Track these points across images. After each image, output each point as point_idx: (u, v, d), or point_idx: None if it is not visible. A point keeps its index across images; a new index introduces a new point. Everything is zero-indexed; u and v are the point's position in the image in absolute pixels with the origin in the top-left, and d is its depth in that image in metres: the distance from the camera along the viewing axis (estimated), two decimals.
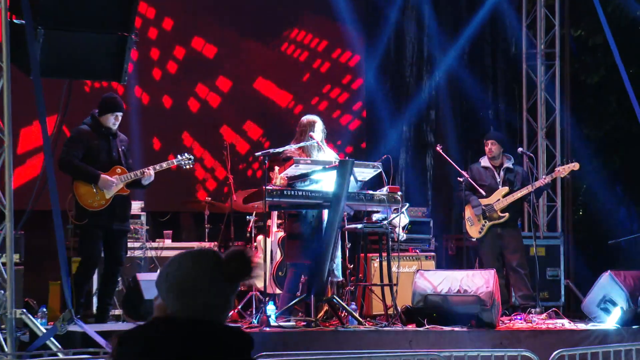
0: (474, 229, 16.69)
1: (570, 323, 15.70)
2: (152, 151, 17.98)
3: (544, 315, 16.02)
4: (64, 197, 13.91)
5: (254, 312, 14.82)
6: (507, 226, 16.61)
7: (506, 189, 16.53)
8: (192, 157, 15.16)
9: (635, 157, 19.16)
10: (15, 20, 12.15)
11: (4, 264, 12.26)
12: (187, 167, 15.21)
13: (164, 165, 14.93)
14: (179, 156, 15.09)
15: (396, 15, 19.77)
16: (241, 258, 5.11)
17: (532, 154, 18.45)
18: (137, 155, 16.35)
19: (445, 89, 19.95)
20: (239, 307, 15.45)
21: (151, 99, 18.78)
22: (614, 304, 15.33)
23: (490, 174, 16.70)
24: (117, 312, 15.36)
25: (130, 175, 14.41)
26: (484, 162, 16.79)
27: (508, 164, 16.76)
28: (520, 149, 17.71)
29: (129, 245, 15.92)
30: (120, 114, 14.58)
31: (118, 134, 14.65)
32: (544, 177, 17.53)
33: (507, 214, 16.53)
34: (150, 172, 14.65)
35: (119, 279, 15.43)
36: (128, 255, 15.81)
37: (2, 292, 12.21)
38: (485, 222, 16.54)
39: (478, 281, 14.93)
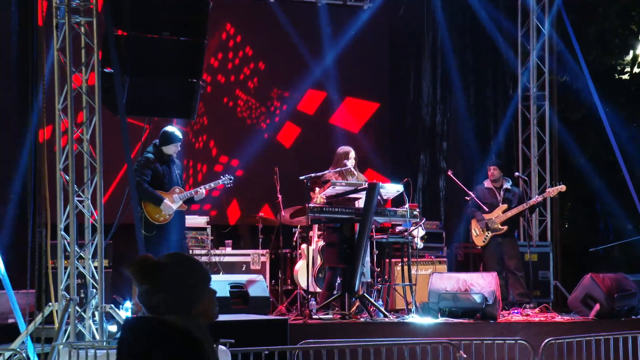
0: (479, 239, 16.70)
1: (558, 316, 15.63)
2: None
3: (536, 310, 15.99)
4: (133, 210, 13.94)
5: (298, 307, 14.80)
6: (506, 236, 16.62)
7: (505, 206, 16.55)
8: (232, 177, 15.16)
9: (611, 180, 19.02)
10: (106, 70, 12.17)
11: (96, 268, 12.28)
12: (228, 185, 15.21)
13: (212, 185, 14.96)
14: (222, 177, 15.11)
15: (415, 65, 19.75)
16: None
17: (526, 178, 18.48)
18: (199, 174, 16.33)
19: (455, 124, 19.88)
20: (286, 303, 15.40)
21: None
22: (595, 300, 15.27)
23: (492, 193, 16.71)
24: None
25: (186, 194, 14.43)
26: (487, 184, 16.82)
27: (507, 186, 16.78)
28: (516, 174, 17.68)
29: (197, 252, 15.94)
30: (179, 144, 14.59)
31: (175, 160, 14.67)
32: (536, 197, 17.49)
33: (506, 227, 16.54)
34: (201, 192, 14.69)
35: None
36: (198, 255, 15.84)
37: (95, 290, 12.23)
38: (488, 233, 16.54)
39: (482, 282, 14.94)
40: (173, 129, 14.65)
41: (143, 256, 5.10)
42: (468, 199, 16.93)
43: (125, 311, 13.62)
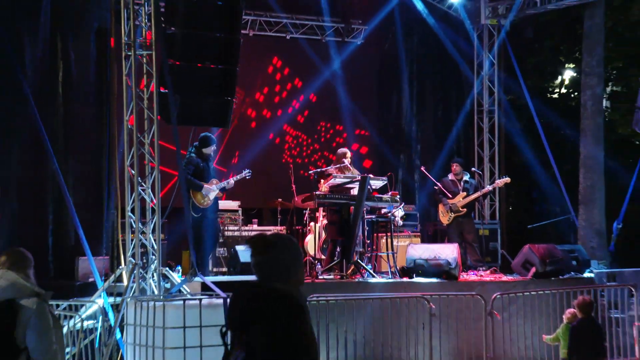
0: (444, 218, 16.70)
1: (504, 277, 15.62)
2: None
3: (488, 272, 16.00)
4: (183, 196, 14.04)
5: (308, 270, 14.79)
6: (465, 217, 16.63)
7: (464, 194, 16.54)
8: (250, 171, 15.28)
9: (544, 174, 18.99)
10: (162, 91, 12.18)
11: (155, 240, 12.27)
12: (248, 177, 15.28)
13: (238, 177, 15.07)
14: (244, 171, 15.21)
15: (397, 87, 19.69)
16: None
17: (480, 172, 18.45)
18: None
19: (427, 131, 19.82)
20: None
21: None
22: (531, 265, 15.24)
23: (454, 184, 16.70)
24: (223, 269, 15.29)
25: (221, 184, 14.58)
26: (451, 176, 16.81)
27: (466, 178, 16.77)
28: (473, 169, 17.61)
29: (231, 227, 15.97)
30: (215, 146, 14.87)
31: (211, 158, 14.82)
32: (488, 186, 17.44)
33: (465, 209, 16.54)
34: (231, 182, 14.95)
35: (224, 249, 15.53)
36: (230, 234, 15.82)
37: (154, 257, 12.22)
38: (452, 214, 16.54)
39: (447, 251, 14.93)
40: (210, 134, 14.76)
41: (260, 234, 5.06)
42: (436, 188, 16.90)
43: (177, 273, 13.61)
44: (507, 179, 17.43)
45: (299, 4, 18.04)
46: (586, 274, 15.55)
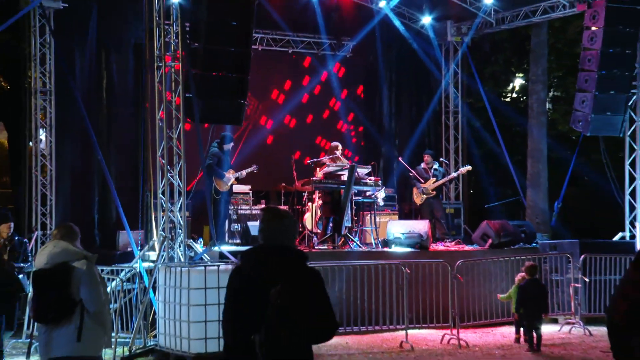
0: (418, 199, 16.62)
1: (466, 247, 15.61)
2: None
3: (453, 243, 15.94)
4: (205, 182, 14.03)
5: (306, 241, 14.75)
6: (435, 198, 16.56)
7: (434, 179, 16.45)
8: (257, 166, 15.41)
9: (498, 163, 18.94)
10: (187, 95, 12.15)
11: (181, 217, 12.24)
12: (255, 171, 15.33)
13: (248, 170, 15.08)
14: (253, 166, 15.24)
15: (379, 92, 19.59)
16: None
17: (447, 162, 18.37)
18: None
19: (404, 128, 19.74)
20: (298, 239, 15.29)
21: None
22: (488, 237, 15.22)
23: (426, 171, 16.61)
24: (237, 241, 15.20)
25: (237, 174, 14.63)
26: (423, 165, 16.70)
27: (435, 166, 16.67)
28: (441, 159, 17.56)
29: (244, 207, 15.95)
30: (232, 143, 14.96)
31: (229, 153, 14.79)
32: (453, 173, 17.41)
33: (434, 192, 16.47)
34: (244, 173, 15.00)
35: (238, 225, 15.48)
36: (242, 212, 15.76)
37: (180, 231, 12.19)
38: (424, 196, 16.46)
39: (419, 226, 14.90)
40: (229, 134, 14.77)
41: (273, 207, 5.17)
42: (411, 174, 16.79)
43: (199, 244, 13.56)
44: (469, 167, 17.39)
45: (299, 24, 17.91)
46: (532, 245, 15.53)
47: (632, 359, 4.46)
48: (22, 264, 11.00)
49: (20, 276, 10.81)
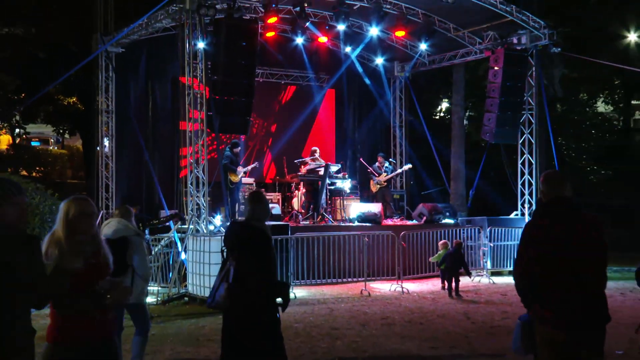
0: (374, 188, 16.45)
1: (408, 222, 15.53)
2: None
3: (398, 220, 15.85)
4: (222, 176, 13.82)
5: (294, 218, 14.60)
6: (386, 187, 16.41)
7: (385, 174, 16.31)
8: (258, 163, 15.41)
9: (431, 163, 18.83)
10: (209, 113, 12.05)
11: (204, 201, 12.09)
12: (257, 167, 15.25)
13: (252, 166, 14.95)
14: (256, 163, 15.19)
15: (346, 114, 19.41)
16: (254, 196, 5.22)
17: (394, 161, 18.25)
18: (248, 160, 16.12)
19: (364, 138, 19.56)
20: (287, 217, 15.13)
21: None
22: (423, 215, 15.16)
23: (379, 168, 16.45)
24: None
25: (245, 169, 14.42)
26: (377, 164, 16.51)
27: (386, 165, 16.51)
28: (390, 159, 17.41)
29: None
30: (241, 147, 14.83)
31: (239, 154, 14.58)
32: (399, 170, 17.32)
33: (385, 183, 16.34)
34: (249, 169, 14.77)
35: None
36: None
37: (203, 210, 12.02)
38: (378, 185, 16.33)
39: (375, 208, 14.81)
40: (238, 140, 14.63)
41: (257, 191, 5.25)
42: (368, 170, 16.64)
43: (216, 219, 13.36)
44: (410, 166, 17.32)
45: (290, 62, 17.76)
46: (454, 221, 15.47)
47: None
48: None
49: None
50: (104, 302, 3.84)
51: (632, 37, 21.14)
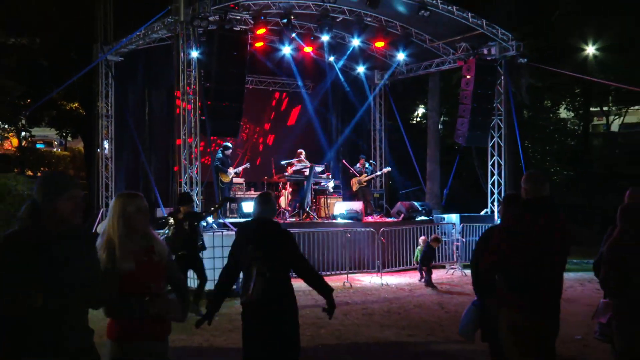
0: (355, 187, 16.41)
1: (387, 219, 15.49)
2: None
3: (378, 217, 15.82)
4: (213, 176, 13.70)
5: (282, 215, 14.51)
6: (366, 187, 16.37)
7: (366, 174, 16.28)
8: (249, 164, 15.10)
9: (407, 165, 18.78)
10: (202, 118, 11.98)
11: (197, 199, 11.96)
12: (248, 168, 14.96)
13: (243, 167, 14.77)
14: (247, 164, 14.94)
15: (329, 119, 19.32)
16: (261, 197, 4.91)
17: (375, 163, 18.21)
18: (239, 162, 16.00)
19: (347, 141, 19.44)
20: (276, 214, 15.08)
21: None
22: (401, 213, 15.12)
23: (360, 169, 16.41)
24: (235, 215, 14.90)
25: (235, 170, 14.25)
26: (359, 165, 16.44)
27: (367, 166, 16.49)
28: (371, 161, 17.39)
29: (239, 193, 15.54)
30: (231, 150, 14.49)
31: (229, 155, 14.39)
32: (379, 172, 17.28)
33: (366, 183, 16.30)
34: (239, 170, 14.61)
35: (235, 205, 15.13)
36: (238, 196, 15.32)
37: (197, 209, 11.91)
38: (359, 185, 16.28)
39: (356, 206, 14.73)
40: (229, 143, 14.44)
41: (266, 192, 5.01)
42: (350, 171, 16.57)
43: (210, 218, 13.23)
44: (389, 168, 17.27)
45: (278, 70, 17.64)
46: (430, 218, 15.45)
47: (492, 290, 4.41)
48: None
49: None
50: (150, 313, 3.43)
51: (590, 50, 21.53)
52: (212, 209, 10.27)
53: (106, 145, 15.65)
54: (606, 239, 4.66)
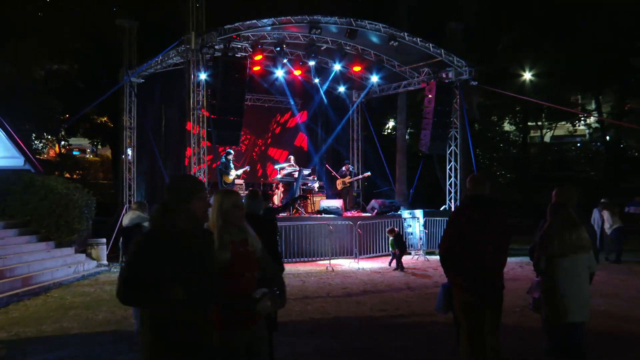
0: (340, 187, 16.20)
1: (363, 214, 15.35)
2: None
3: (355, 212, 15.65)
4: (218, 177, 13.44)
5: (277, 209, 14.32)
6: (349, 187, 16.17)
7: (349, 177, 16.06)
8: (249, 167, 14.78)
9: (380, 169, 18.65)
10: (208, 129, 11.73)
11: None
12: (248, 170, 14.62)
13: (243, 169, 14.37)
14: (247, 167, 14.63)
15: (316, 129, 19.14)
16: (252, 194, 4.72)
17: (353, 167, 18.04)
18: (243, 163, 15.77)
19: (331, 148, 19.21)
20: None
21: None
22: (375, 208, 14.99)
23: (345, 172, 16.21)
24: None
25: (236, 172, 13.93)
26: (344, 169, 16.23)
27: (350, 169, 16.32)
28: (352, 165, 17.21)
29: (241, 193, 15.33)
30: (233, 155, 13.97)
31: (231, 160, 14.12)
32: (360, 176, 17.09)
33: (349, 184, 16.11)
34: (240, 172, 14.18)
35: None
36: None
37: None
38: (342, 186, 16.11)
39: (338, 203, 14.52)
40: (231, 150, 14.22)
41: (255, 189, 4.80)
42: (333, 174, 16.39)
43: None
44: (368, 173, 16.95)
45: (272, 90, 17.47)
46: (399, 213, 15.33)
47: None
48: None
49: None
50: (254, 308, 3.10)
51: (527, 75, 22.17)
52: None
53: (129, 152, 15.47)
54: (539, 230, 4.63)
